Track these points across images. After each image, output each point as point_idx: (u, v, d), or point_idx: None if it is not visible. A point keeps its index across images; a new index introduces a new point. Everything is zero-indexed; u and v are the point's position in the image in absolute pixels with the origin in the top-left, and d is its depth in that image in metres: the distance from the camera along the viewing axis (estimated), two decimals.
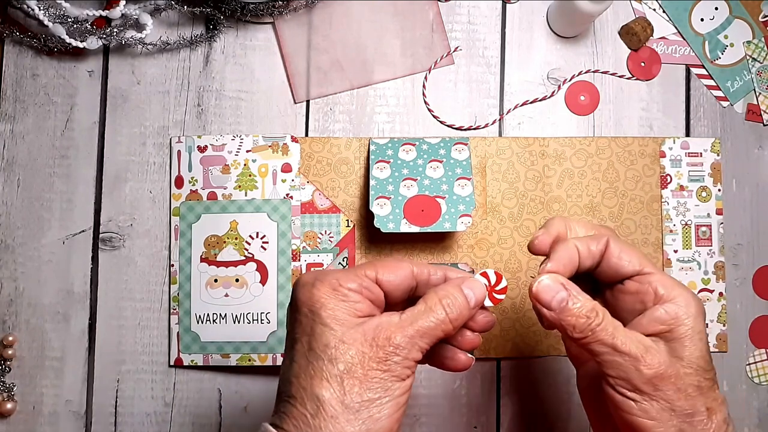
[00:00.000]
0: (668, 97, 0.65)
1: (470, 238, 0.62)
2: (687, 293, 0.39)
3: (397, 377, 0.35)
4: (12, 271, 0.60)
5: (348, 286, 0.36)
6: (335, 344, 0.34)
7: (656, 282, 0.39)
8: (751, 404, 0.63)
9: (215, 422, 0.60)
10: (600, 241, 0.41)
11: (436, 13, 0.64)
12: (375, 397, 0.34)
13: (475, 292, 0.38)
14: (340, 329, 0.35)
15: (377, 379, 0.34)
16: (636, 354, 0.36)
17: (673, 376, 0.36)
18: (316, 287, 0.36)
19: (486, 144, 0.62)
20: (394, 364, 0.35)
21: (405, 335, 0.35)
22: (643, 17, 0.65)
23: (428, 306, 0.37)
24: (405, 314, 0.36)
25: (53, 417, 0.59)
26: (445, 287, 0.38)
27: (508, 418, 0.61)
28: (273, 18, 0.63)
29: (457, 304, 0.37)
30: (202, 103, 0.62)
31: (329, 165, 0.62)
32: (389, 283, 0.38)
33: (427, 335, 0.36)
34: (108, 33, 0.60)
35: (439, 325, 0.36)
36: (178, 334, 0.59)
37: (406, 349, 0.35)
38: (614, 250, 0.41)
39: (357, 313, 0.36)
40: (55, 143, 0.61)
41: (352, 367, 0.34)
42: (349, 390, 0.34)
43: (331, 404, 0.33)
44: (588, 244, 0.41)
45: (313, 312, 0.36)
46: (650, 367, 0.36)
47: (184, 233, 0.60)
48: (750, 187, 0.65)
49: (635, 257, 0.40)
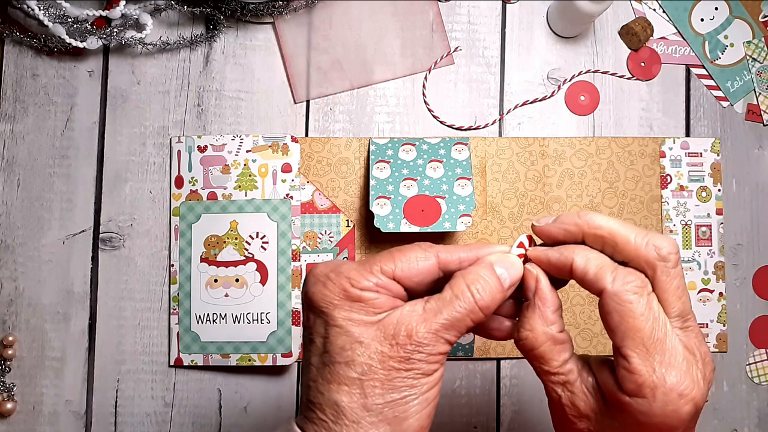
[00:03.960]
0: (668, 97, 0.65)
1: (470, 238, 0.62)
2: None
3: (423, 373, 0.32)
4: (12, 271, 0.60)
5: (361, 286, 0.33)
6: (351, 346, 0.32)
7: (623, 378, 0.32)
8: (751, 404, 0.63)
9: (215, 422, 0.60)
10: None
11: (436, 13, 0.64)
12: (399, 397, 0.31)
13: (510, 271, 0.34)
14: (356, 329, 0.32)
15: (400, 379, 0.31)
16: (555, 399, 0.35)
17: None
18: (327, 287, 0.33)
19: (486, 144, 0.62)
20: (417, 362, 0.31)
21: (429, 330, 0.32)
22: (643, 17, 0.65)
23: (454, 293, 0.33)
24: (429, 303, 0.33)
25: (53, 417, 0.59)
26: (474, 269, 0.34)
27: (508, 418, 0.61)
28: (273, 18, 0.63)
29: (489, 288, 0.33)
30: (202, 103, 0.62)
31: (329, 165, 0.62)
32: (409, 279, 0.34)
33: (454, 327, 0.32)
34: (108, 33, 0.60)
35: (468, 315, 0.32)
36: (178, 334, 0.59)
37: (430, 345, 0.32)
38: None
39: (375, 310, 0.33)
40: (55, 143, 0.61)
41: (371, 369, 0.31)
42: (370, 392, 0.31)
43: (352, 409, 0.31)
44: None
45: (325, 313, 0.33)
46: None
47: (184, 233, 0.60)
48: (750, 187, 0.65)
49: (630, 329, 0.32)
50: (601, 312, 0.33)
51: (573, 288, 0.62)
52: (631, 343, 0.32)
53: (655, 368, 0.31)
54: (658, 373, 0.31)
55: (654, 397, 0.31)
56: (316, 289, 0.34)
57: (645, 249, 0.33)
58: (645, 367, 0.31)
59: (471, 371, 0.61)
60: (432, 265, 0.34)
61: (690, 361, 0.32)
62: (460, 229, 0.56)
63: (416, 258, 0.34)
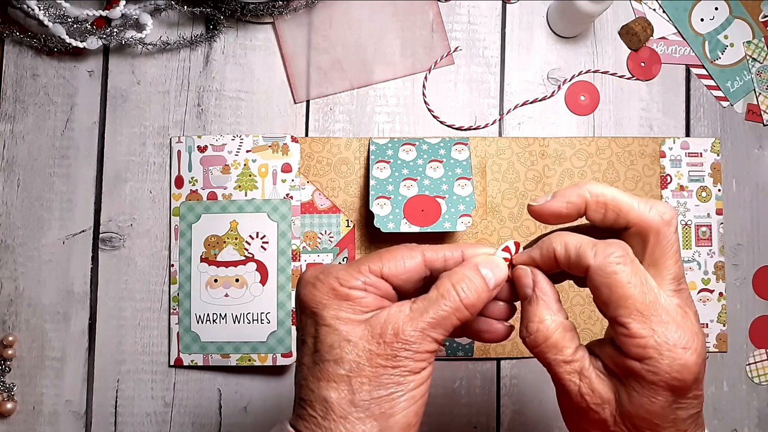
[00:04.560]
0: (668, 97, 0.65)
1: (470, 238, 0.61)
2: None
3: (410, 371, 0.33)
4: (12, 271, 0.60)
5: (349, 285, 0.34)
6: (339, 344, 0.33)
7: (625, 345, 0.33)
8: (751, 404, 0.63)
9: (215, 422, 0.60)
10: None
11: (436, 13, 0.64)
12: (386, 394, 0.32)
13: (494, 272, 0.35)
14: (344, 328, 0.33)
15: (387, 376, 0.32)
16: (567, 389, 0.35)
17: (601, 420, 0.34)
18: (316, 288, 0.34)
19: (486, 144, 0.62)
20: (404, 360, 0.33)
21: (416, 328, 0.33)
22: (643, 17, 0.65)
23: (440, 293, 0.34)
24: (416, 303, 0.34)
25: (53, 417, 0.59)
26: (459, 270, 0.35)
27: (508, 418, 0.61)
28: (273, 18, 0.63)
29: (474, 287, 0.34)
30: (202, 103, 0.62)
31: (329, 165, 0.62)
32: (397, 277, 0.35)
33: (440, 325, 0.33)
34: (108, 33, 0.60)
35: (454, 314, 0.33)
36: (178, 334, 0.59)
37: (417, 343, 0.33)
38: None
39: (363, 309, 0.34)
40: (55, 143, 0.61)
41: (359, 366, 0.32)
42: (357, 389, 0.32)
43: (340, 405, 0.32)
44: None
45: (315, 313, 0.34)
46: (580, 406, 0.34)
47: (184, 233, 0.60)
48: (750, 187, 0.65)
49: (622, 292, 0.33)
50: (592, 289, 0.34)
51: (573, 288, 0.62)
52: (625, 311, 0.32)
53: (655, 329, 0.32)
54: (658, 333, 0.32)
55: (661, 355, 0.32)
56: (306, 291, 0.35)
57: (649, 214, 0.34)
58: (645, 329, 0.32)
59: (471, 371, 0.61)
60: (418, 263, 0.36)
61: (684, 316, 0.33)
62: (460, 229, 0.56)
63: (402, 257, 0.36)
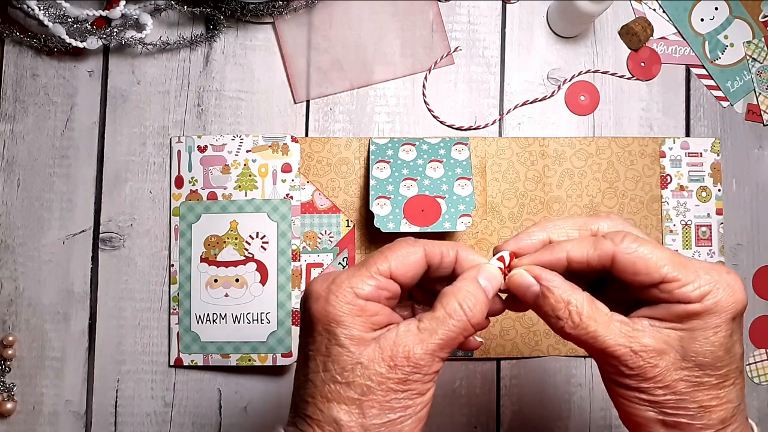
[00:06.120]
0: (668, 97, 0.65)
1: (470, 238, 0.62)
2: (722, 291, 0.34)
3: (418, 393, 0.34)
4: (12, 271, 0.60)
5: (364, 293, 0.34)
6: (352, 366, 0.33)
7: (684, 294, 0.34)
8: (751, 404, 0.63)
9: (215, 422, 0.60)
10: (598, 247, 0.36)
11: (436, 13, 0.64)
12: (395, 418, 0.33)
13: (491, 282, 0.36)
14: (356, 349, 0.33)
15: (396, 399, 0.33)
16: (619, 353, 0.34)
17: (659, 374, 0.34)
18: (330, 303, 0.34)
19: (486, 144, 0.62)
20: (414, 383, 0.33)
21: (426, 351, 0.33)
22: (643, 17, 0.65)
23: (448, 312, 0.34)
24: (423, 323, 0.34)
25: (53, 417, 0.59)
26: (462, 286, 0.35)
27: (508, 418, 0.61)
28: (273, 18, 0.63)
29: (478, 303, 0.34)
30: (202, 103, 0.62)
31: (329, 165, 0.62)
32: (404, 275, 0.35)
33: (448, 345, 0.34)
34: (108, 33, 0.60)
35: (461, 333, 0.34)
36: (178, 334, 0.59)
37: (427, 365, 0.33)
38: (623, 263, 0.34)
39: (373, 326, 0.34)
40: (55, 143, 0.61)
41: (370, 390, 0.33)
42: (368, 413, 0.33)
43: (351, 428, 0.32)
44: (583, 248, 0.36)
45: (329, 331, 0.34)
46: (633, 369, 0.34)
47: (184, 233, 0.60)
48: (750, 187, 0.65)
49: (652, 264, 0.34)
50: (619, 272, 0.34)
51: None
52: (670, 267, 0.33)
53: (699, 272, 0.33)
54: (705, 270, 0.34)
55: (718, 288, 0.33)
56: (318, 306, 0.34)
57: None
58: (692, 274, 0.33)
59: (471, 371, 0.61)
60: (421, 258, 0.36)
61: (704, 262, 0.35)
62: (460, 229, 0.56)
63: (407, 253, 0.36)
